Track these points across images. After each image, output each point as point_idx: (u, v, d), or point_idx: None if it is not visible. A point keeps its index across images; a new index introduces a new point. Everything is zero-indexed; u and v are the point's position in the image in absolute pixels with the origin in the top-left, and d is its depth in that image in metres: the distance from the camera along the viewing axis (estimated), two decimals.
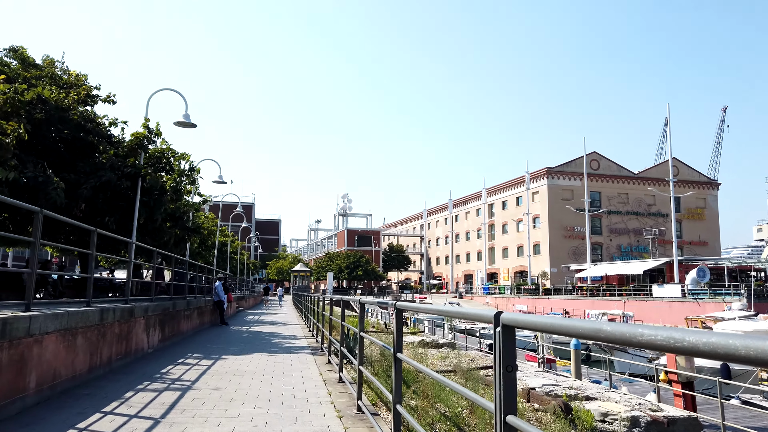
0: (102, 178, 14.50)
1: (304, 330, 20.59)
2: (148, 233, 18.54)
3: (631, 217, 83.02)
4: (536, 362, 19.28)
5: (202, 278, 25.25)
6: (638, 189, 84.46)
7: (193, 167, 17.31)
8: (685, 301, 46.00)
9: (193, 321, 17.91)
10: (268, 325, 23.18)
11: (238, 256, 51.20)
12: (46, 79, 15.74)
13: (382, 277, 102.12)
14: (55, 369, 7.15)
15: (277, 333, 18.72)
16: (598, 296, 57.07)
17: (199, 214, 28.13)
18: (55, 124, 14.82)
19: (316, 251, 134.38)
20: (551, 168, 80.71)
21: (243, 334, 18.28)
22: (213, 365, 10.34)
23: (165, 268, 20.33)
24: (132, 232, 15.21)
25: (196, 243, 29.82)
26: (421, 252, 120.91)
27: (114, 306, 9.71)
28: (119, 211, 15.97)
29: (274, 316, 30.49)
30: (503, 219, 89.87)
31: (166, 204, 16.78)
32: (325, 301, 13.16)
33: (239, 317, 29.40)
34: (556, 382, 9.11)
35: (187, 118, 15.98)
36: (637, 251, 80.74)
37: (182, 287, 18.01)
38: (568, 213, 78.30)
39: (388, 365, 9.69)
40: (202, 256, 33.88)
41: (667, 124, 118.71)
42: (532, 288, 70.55)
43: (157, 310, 12.72)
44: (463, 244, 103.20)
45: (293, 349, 13.57)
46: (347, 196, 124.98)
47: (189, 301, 17.09)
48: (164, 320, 13.64)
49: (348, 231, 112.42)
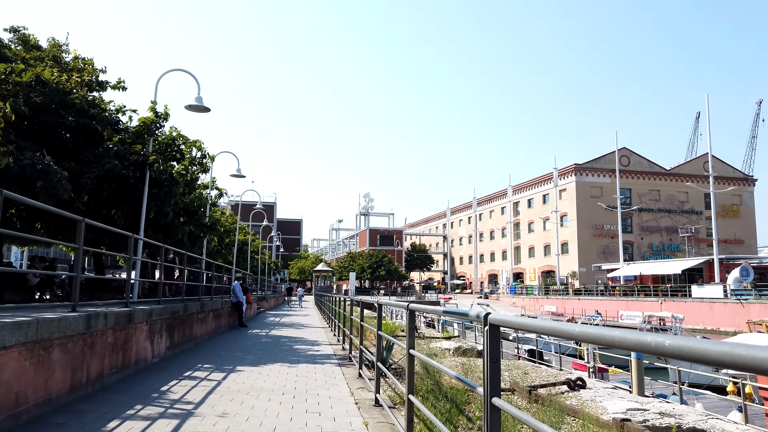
0: (106, 167, 13.06)
1: (327, 333, 19.04)
2: (161, 229, 17.14)
3: (663, 214, 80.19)
4: (586, 371, 17.47)
5: (220, 278, 23.80)
6: (670, 186, 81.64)
7: (206, 154, 15.77)
8: (728, 302, 43.58)
9: (208, 324, 16.43)
10: (289, 328, 21.66)
11: (259, 256, 49.91)
12: (47, 61, 14.38)
13: (404, 277, 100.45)
14: (17, 392, 5.63)
15: (299, 338, 17.17)
16: (632, 297, 54.71)
17: (215, 210, 26.74)
18: (56, 109, 13.43)
19: (338, 251, 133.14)
20: (579, 164, 78.25)
21: (262, 338, 16.77)
22: (224, 380, 8.78)
23: (177, 267, 18.90)
24: (143, 226, 13.79)
25: (214, 241, 28.49)
26: (444, 251, 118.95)
27: (107, 311, 8.20)
28: (126, 203, 14.55)
29: (296, 318, 29.01)
30: (529, 217, 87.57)
31: (177, 196, 15.31)
32: (353, 304, 11.57)
33: (259, 319, 27.96)
34: (641, 405, 7.40)
35: (199, 101, 14.47)
36: (669, 250, 77.93)
37: (196, 288, 16.56)
38: (598, 211, 75.82)
39: (434, 385, 8.05)
40: (222, 255, 32.56)
41: (698, 118, 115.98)
42: (561, 288, 68.24)
43: (164, 313, 11.21)
44: (488, 243, 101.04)
45: (317, 359, 11.98)
46: (369, 195, 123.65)
47: (203, 303, 15.61)
48: (173, 325, 12.15)
49: (370, 230, 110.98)
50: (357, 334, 10.11)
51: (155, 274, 27.81)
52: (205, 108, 14.51)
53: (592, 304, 57.94)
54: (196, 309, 14.51)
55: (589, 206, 76.21)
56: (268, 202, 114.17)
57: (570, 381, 8.57)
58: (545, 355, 21.92)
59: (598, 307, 56.60)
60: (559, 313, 61.46)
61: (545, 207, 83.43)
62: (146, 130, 13.80)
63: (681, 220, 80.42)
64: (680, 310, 47.19)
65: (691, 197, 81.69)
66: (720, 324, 43.42)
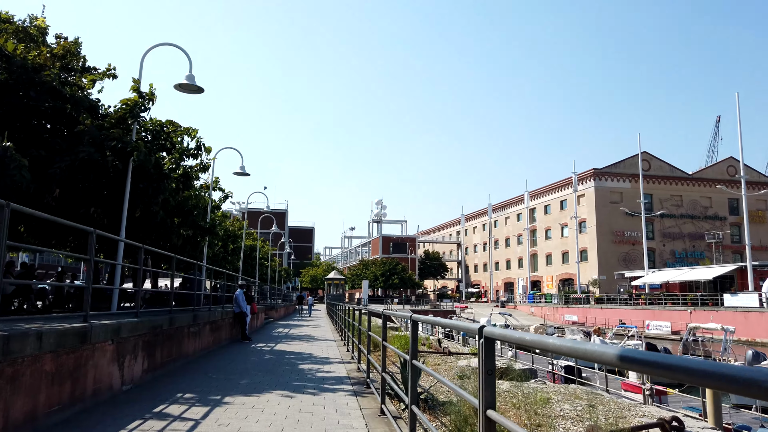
0: (80, 155, 11.08)
1: (340, 348, 16.93)
2: (153, 230, 15.17)
3: (686, 220, 77.35)
4: (641, 393, 15.19)
5: (223, 286, 21.79)
6: (693, 191, 78.87)
7: (201, 145, 13.67)
8: (765, 311, 40.94)
9: (203, 339, 14.36)
10: (297, 341, 19.56)
11: (269, 263, 47.92)
12: (15, 33, 12.46)
13: (418, 286, 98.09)
14: None
15: (307, 354, 15.06)
16: (658, 305, 52.04)
17: (217, 213, 24.76)
18: (22, 88, 11.50)
19: (350, 259, 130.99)
20: (598, 169, 75.75)
21: (265, 355, 14.67)
22: (203, 420, 6.67)
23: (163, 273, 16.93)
24: (124, 225, 11.79)
25: (218, 246, 26.50)
26: (458, 259, 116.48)
27: (45, 328, 6.15)
28: (106, 199, 12.57)
29: (306, 329, 26.92)
30: (546, 224, 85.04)
31: (167, 192, 13.29)
32: (369, 316, 9.46)
33: (266, 330, 25.89)
34: None
35: (191, 80, 12.46)
36: (693, 257, 75.01)
37: (189, 297, 14.53)
38: (617, 216, 73.23)
39: None
40: (229, 262, 30.60)
41: (718, 122, 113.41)
42: (581, 297, 65.61)
43: (138, 329, 9.15)
44: (503, 250, 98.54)
45: (327, 383, 9.85)
46: (381, 202, 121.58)
47: (197, 314, 13.54)
48: (154, 342, 10.10)
49: (383, 238, 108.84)
50: (374, 349, 8.00)
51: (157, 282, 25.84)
52: (198, 88, 12.49)
53: (616, 313, 55.35)
54: (187, 322, 12.45)
55: (609, 212, 73.70)
56: (280, 209, 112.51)
57: (664, 423, 6.41)
58: (583, 371, 19.57)
59: (622, 317, 53.99)
60: (580, 323, 58.85)
61: (563, 213, 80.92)
62: (129, 113, 11.79)
63: (704, 227, 77.57)
64: (711, 319, 44.61)
65: (715, 202, 78.87)
66: (756, 335, 40.81)
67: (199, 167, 15.25)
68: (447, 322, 4.13)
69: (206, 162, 15.29)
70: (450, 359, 14.59)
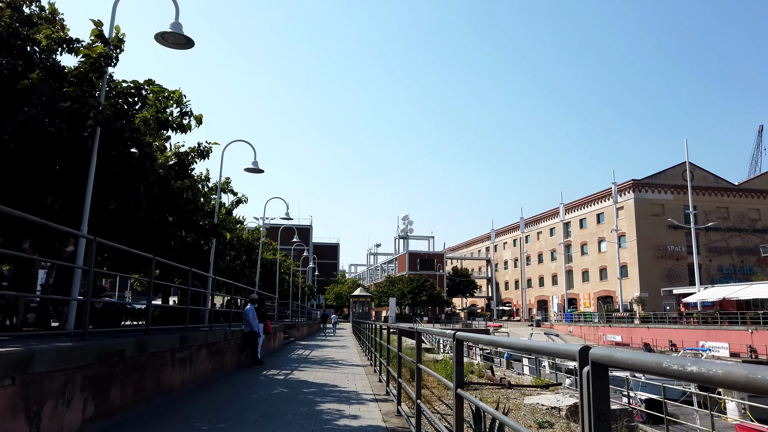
0: (19, 118, 8.17)
1: (370, 376, 13.73)
2: (138, 229, 12.23)
3: (733, 234, 72.68)
4: None
5: (222, 300, 18.80)
6: (740, 202, 74.27)
7: (188, 112, 10.57)
8: None
9: (196, 367, 11.27)
10: (318, 367, 16.41)
11: (291, 278, 44.96)
12: None
13: (447, 303, 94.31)
14: None
15: (329, 386, 11.88)
16: (714, 325, 47.69)
17: (230, 218, 21.84)
18: None
19: (376, 276, 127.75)
20: (638, 180, 71.67)
21: (275, 387, 11.52)
22: None
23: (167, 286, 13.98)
24: (86, 218, 8.85)
25: (230, 256, 23.51)
26: (488, 276, 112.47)
27: None
28: (71, 186, 9.64)
29: (330, 351, 23.75)
30: (582, 238, 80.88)
31: (150, 178, 10.30)
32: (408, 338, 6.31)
33: (284, 352, 22.78)
34: None
35: (177, 29, 9.49)
36: (741, 273, 70.21)
37: (180, 312, 11.51)
38: (660, 230, 69.00)
39: None
40: (246, 276, 27.66)
41: (761, 132, 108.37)
42: (625, 315, 61.30)
43: (74, 359, 6.09)
44: (535, 267, 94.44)
45: None
46: (408, 217, 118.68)
47: (186, 335, 10.46)
48: (108, 376, 7.03)
49: (409, 254, 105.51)
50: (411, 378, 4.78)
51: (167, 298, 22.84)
52: (187, 39, 9.50)
53: (664, 333, 51.15)
54: (169, 345, 9.35)
55: (650, 225, 69.48)
56: (304, 225, 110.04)
57: None
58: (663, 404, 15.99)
59: (672, 337, 49.82)
60: (624, 344, 54.71)
61: (599, 227, 76.84)
62: (90, 67, 8.87)
63: (753, 240, 72.83)
64: None
65: (764, 215, 74.24)
66: None
67: (197, 152, 12.28)
68: (537, 345, 2.83)
69: (205, 146, 12.32)
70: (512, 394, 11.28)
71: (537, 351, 2.95)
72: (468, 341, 4.00)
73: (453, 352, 3.99)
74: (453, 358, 3.81)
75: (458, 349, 3.83)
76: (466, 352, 33.38)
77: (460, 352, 3.80)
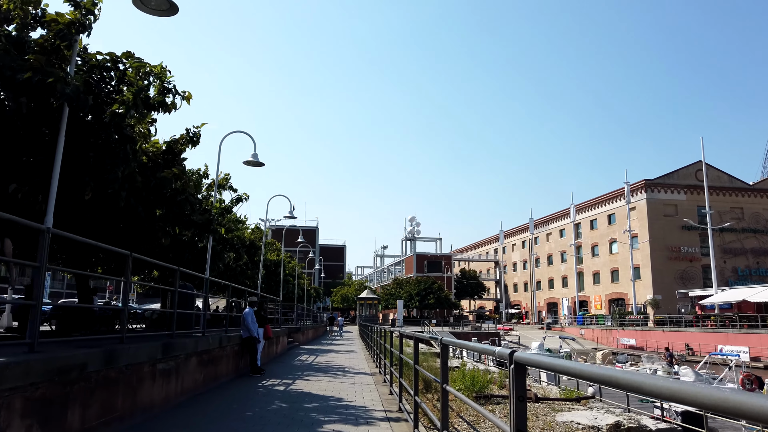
0: None
1: (379, 387, 12.47)
2: (128, 226, 11.05)
3: (748, 235, 71.01)
4: None
5: (226, 303, 17.60)
6: (755, 202, 72.58)
7: (171, 89, 9.24)
8: None
9: (184, 379, 10.02)
10: (323, 375, 15.14)
11: (296, 280, 43.72)
12: None
13: (455, 306, 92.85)
14: None
15: (334, 399, 10.63)
16: (732, 328, 46.13)
17: (231, 217, 20.61)
18: None
19: (383, 278, 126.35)
20: (650, 180, 70.09)
21: (273, 401, 10.27)
22: None
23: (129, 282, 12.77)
24: (51, 209, 7.65)
25: (231, 257, 22.28)
26: (496, 278, 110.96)
27: None
28: (39, 172, 8.44)
29: (336, 357, 22.49)
30: (592, 240, 79.30)
31: (132, 165, 9.08)
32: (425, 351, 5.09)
33: (288, 358, 21.54)
34: None
35: None
36: (758, 274, 68.62)
37: (164, 317, 10.28)
38: (673, 231, 67.46)
39: None
40: (249, 278, 26.44)
41: None
42: (639, 318, 59.73)
43: (13, 377, 4.86)
44: (545, 268, 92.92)
45: None
46: (415, 219, 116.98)
47: (170, 343, 9.20)
48: (61, 397, 5.78)
49: (417, 256, 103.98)
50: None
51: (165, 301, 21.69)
52: (170, 4, 8.29)
53: (681, 336, 49.59)
54: (148, 356, 8.10)
55: (663, 226, 67.91)
56: (310, 226, 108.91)
57: None
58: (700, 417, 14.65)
59: (688, 340, 48.30)
60: (639, 347, 53.18)
61: (611, 228, 75.28)
62: (59, 35, 7.67)
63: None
64: None
65: None
66: None
67: (186, 138, 11.06)
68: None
69: (194, 131, 11.10)
70: (540, 409, 9.99)
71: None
72: (530, 365, 2.76)
73: (512, 382, 2.76)
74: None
75: (521, 379, 2.60)
76: (477, 357, 32.04)
77: (521, 382, 2.59)
